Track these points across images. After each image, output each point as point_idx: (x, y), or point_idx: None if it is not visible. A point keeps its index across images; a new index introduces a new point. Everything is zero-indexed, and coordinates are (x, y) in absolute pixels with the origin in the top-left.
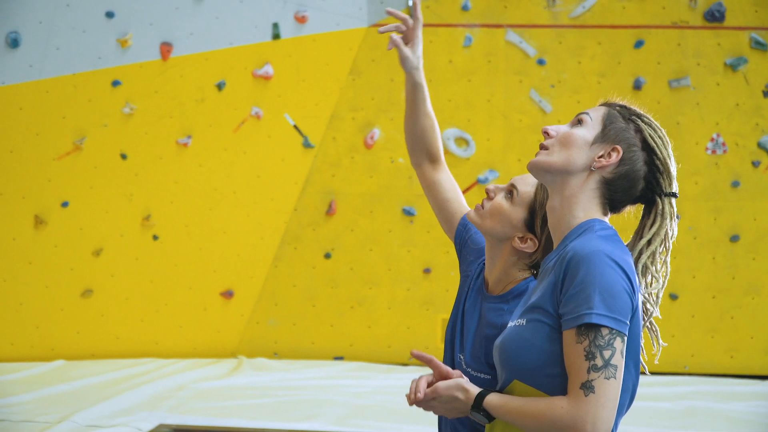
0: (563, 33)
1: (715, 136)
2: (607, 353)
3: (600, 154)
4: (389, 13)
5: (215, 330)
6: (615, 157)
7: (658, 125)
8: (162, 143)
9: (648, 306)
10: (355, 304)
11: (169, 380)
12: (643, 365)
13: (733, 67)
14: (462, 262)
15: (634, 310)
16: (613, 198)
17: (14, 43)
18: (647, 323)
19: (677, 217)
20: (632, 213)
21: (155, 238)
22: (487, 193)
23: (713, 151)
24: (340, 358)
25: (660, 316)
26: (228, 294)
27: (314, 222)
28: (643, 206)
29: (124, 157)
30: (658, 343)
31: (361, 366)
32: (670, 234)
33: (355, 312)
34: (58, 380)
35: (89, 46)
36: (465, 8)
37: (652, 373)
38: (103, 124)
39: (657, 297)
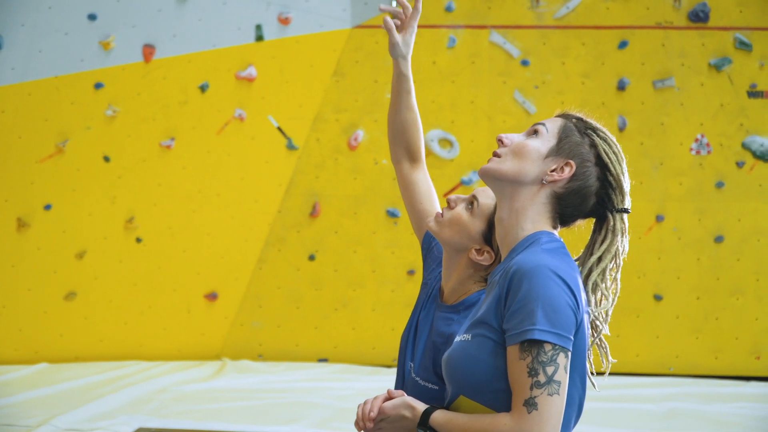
0: (547, 34)
1: (699, 136)
2: (550, 369)
3: (553, 167)
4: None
5: (199, 332)
6: (568, 172)
7: (614, 140)
8: (145, 145)
9: (597, 323)
10: (339, 306)
11: (152, 383)
12: (592, 382)
13: (717, 67)
14: (425, 269)
15: (579, 326)
16: (564, 212)
17: None
18: (597, 340)
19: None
20: (583, 227)
21: (139, 240)
22: (448, 202)
23: (698, 152)
24: (325, 360)
25: (609, 334)
26: (212, 296)
27: (298, 224)
28: (594, 221)
29: (107, 159)
30: (608, 360)
31: (346, 368)
32: (620, 250)
33: (340, 314)
34: (42, 383)
35: (72, 48)
36: (449, 9)
37: (637, 375)
38: (86, 126)
39: (606, 315)
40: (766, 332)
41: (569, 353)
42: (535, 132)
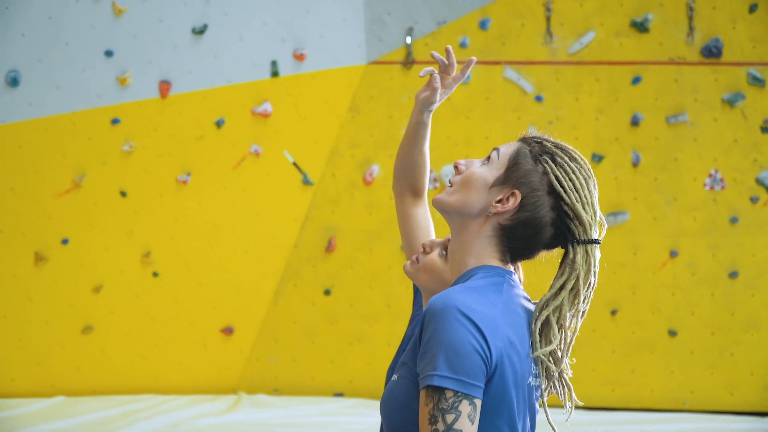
0: (561, 69)
1: (713, 171)
2: (450, 417)
3: (498, 198)
4: (432, 56)
5: (215, 366)
6: (512, 203)
7: (577, 166)
8: (161, 180)
9: (547, 364)
10: (354, 341)
11: (167, 417)
12: (551, 426)
13: (730, 102)
14: (414, 304)
15: (495, 369)
16: (514, 245)
17: (14, 81)
18: (553, 381)
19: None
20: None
21: (155, 274)
22: (423, 247)
23: (711, 187)
24: (340, 394)
25: (571, 374)
26: (228, 330)
27: (314, 258)
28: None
29: (123, 194)
30: (571, 401)
31: (361, 402)
32: (582, 286)
33: (355, 348)
34: (58, 416)
35: (88, 84)
36: (463, 45)
37: (651, 410)
38: (102, 161)
39: (561, 355)
40: None
41: (476, 400)
42: (489, 159)
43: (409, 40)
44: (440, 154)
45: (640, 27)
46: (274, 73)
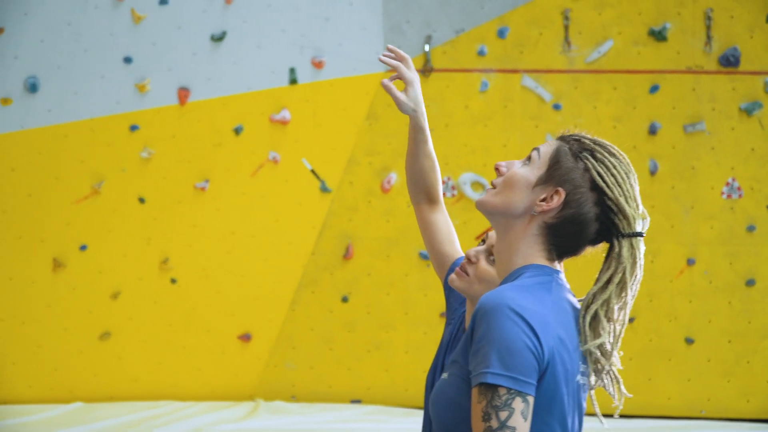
0: (579, 78)
1: (730, 180)
2: (503, 414)
3: (542, 197)
4: (385, 55)
5: (233, 373)
6: (557, 201)
7: (617, 161)
8: (180, 187)
9: (598, 358)
10: (372, 348)
11: (185, 423)
12: (601, 420)
13: (748, 111)
14: (448, 309)
15: (547, 367)
16: (560, 243)
17: (33, 87)
18: (604, 375)
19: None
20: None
21: (173, 281)
22: (468, 258)
23: (729, 196)
24: (358, 401)
25: (621, 367)
26: (246, 337)
27: (331, 266)
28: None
29: (142, 201)
30: (620, 393)
31: (379, 409)
32: (629, 279)
33: (372, 355)
34: (76, 422)
35: (107, 90)
36: (481, 53)
37: (668, 418)
38: (121, 168)
39: (611, 348)
40: None
41: (528, 397)
42: (529, 159)
43: (427, 48)
44: (458, 162)
45: (658, 36)
46: (293, 81)
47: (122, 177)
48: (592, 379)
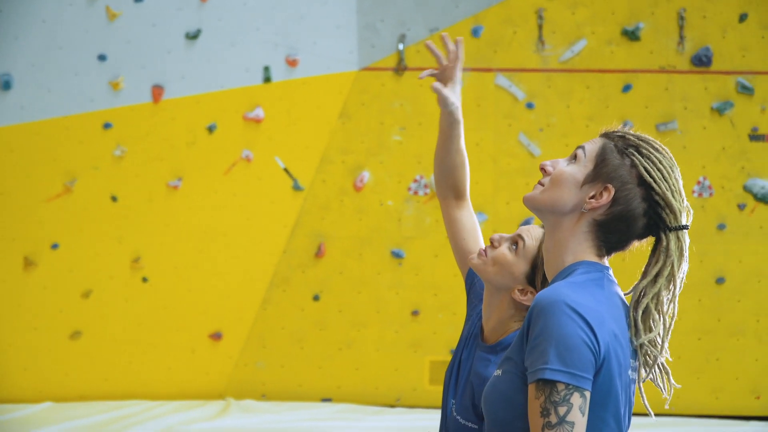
0: (552, 77)
1: (701, 179)
2: (562, 410)
3: (591, 194)
4: (428, 47)
5: (203, 372)
6: (606, 198)
7: (661, 156)
8: (152, 186)
9: (649, 352)
10: (343, 346)
11: (156, 422)
12: (649, 411)
13: (719, 110)
14: (468, 305)
15: (603, 362)
16: (609, 239)
17: (6, 85)
18: (655, 368)
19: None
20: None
21: (144, 280)
22: (491, 242)
23: (700, 194)
24: (328, 399)
25: (670, 359)
26: (216, 336)
27: (303, 264)
28: (653, 241)
29: (114, 199)
30: (670, 384)
31: (349, 408)
32: (677, 272)
33: (344, 354)
34: (46, 422)
35: (81, 88)
36: None
37: (636, 414)
38: (94, 166)
39: (662, 341)
40: (766, 372)
41: (586, 392)
42: (575, 157)
43: (401, 46)
44: (431, 161)
45: (631, 35)
46: (267, 79)
47: (95, 175)
48: (643, 372)
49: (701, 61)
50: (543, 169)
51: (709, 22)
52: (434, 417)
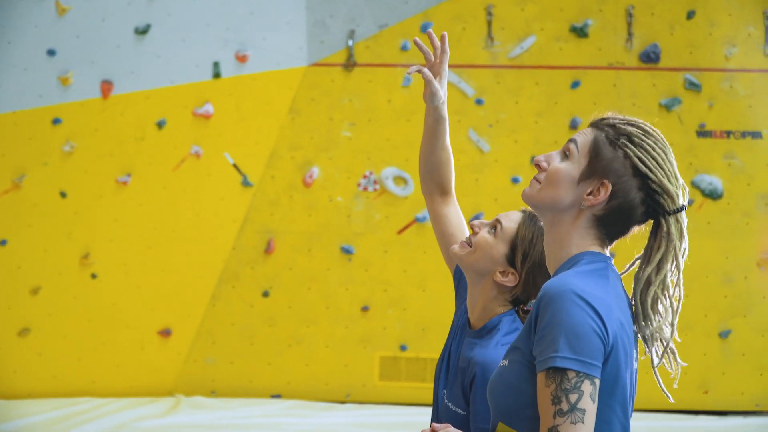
0: (501, 73)
1: None
2: (573, 397)
3: (588, 191)
4: (416, 43)
5: (153, 369)
6: (604, 194)
7: (654, 141)
8: (102, 181)
9: (661, 337)
10: (293, 342)
11: (106, 420)
12: (667, 394)
13: (667, 107)
14: (457, 298)
15: (611, 351)
16: (610, 231)
17: None
18: (665, 351)
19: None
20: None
21: (94, 276)
22: (471, 228)
23: None
24: (278, 396)
25: (679, 339)
26: (166, 332)
27: (253, 260)
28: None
29: (63, 195)
30: (677, 364)
31: (299, 404)
32: (679, 253)
33: (293, 350)
34: None
35: (30, 83)
36: (404, 48)
37: None
38: (43, 162)
39: (672, 325)
40: (713, 367)
41: (596, 380)
42: (567, 152)
43: (350, 42)
44: (381, 157)
45: (580, 32)
46: (216, 75)
47: (44, 171)
48: (655, 359)
49: (649, 57)
50: (537, 165)
51: (657, 19)
52: (385, 413)
